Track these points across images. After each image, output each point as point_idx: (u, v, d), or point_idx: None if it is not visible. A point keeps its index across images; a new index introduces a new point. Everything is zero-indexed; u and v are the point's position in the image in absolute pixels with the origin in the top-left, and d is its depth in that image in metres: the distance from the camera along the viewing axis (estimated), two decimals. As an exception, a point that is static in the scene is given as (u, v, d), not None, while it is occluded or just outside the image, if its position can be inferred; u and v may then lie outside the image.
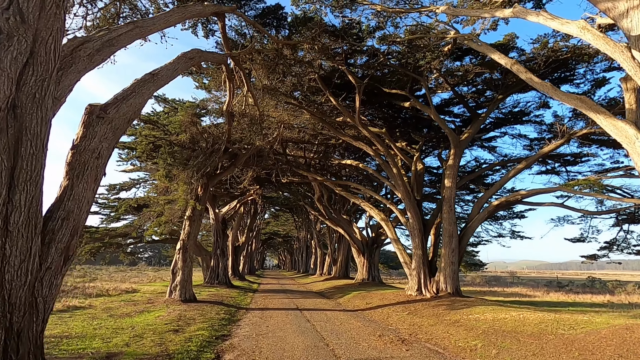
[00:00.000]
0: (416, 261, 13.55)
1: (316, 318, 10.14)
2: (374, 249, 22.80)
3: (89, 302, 11.35)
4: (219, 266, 21.20)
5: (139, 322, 8.01)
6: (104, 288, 15.47)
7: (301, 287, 24.54)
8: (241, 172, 17.07)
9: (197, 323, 8.24)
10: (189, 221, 12.32)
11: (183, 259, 12.02)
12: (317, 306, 13.24)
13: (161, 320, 8.20)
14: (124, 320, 8.13)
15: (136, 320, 8.21)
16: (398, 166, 14.04)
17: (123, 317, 8.57)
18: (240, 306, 12.55)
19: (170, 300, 11.56)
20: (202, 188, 12.70)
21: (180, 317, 8.85)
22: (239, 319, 9.82)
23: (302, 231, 55.21)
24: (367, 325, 9.04)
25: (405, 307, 11.19)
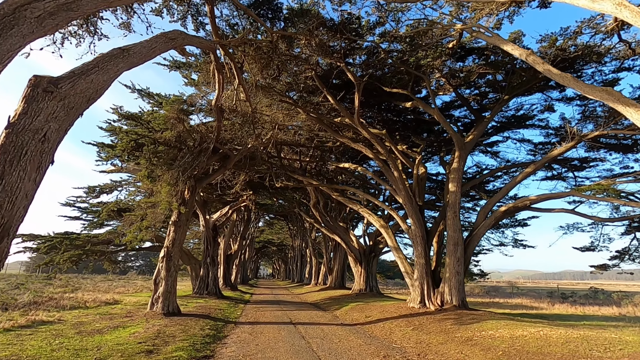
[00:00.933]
0: (419, 271, 12.66)
1: (312, 334, 9.17)
2: (371, 257, 21.87)
3: (60, 315, 10.26)
4: (209, 276, 20.10)
5: (108, 341, 6.99)
6: (82, 299, 14.33)
7: (295, 298, 23.45)
8: (233, 175, 16.16)
9: (177, 341, 7.25)
10: (174, 226, 11.34)
11: (167, 267, 11.02)
12: (313, 320, 12.25)
13: (135, 339, 7.19)
14: (91, 339, 7.11)
15: (106, 339, 7.19)
16: (399, 169, 13.25)
17: (92, 335, 7.54)
18: (228, 320, 11.52)
19: (151, 313, 10.51)
20: (189, 191, 11.77)
21: (158, 334, 7.84)
22: (225, 335, 8.81)
23: (297, 240, 54.12)
24: (369, 343, 8.09)
25: (409, 322, 10.26)
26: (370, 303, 15.49)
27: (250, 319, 12.04)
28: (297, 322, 11.36)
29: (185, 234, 11.68)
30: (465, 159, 12.88)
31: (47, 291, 16.77)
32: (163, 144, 10.32)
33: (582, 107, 13.40)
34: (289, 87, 13.49)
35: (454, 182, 12.60)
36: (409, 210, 13.05)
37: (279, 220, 53.67)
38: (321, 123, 13.87)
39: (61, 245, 15.59)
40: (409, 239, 13.37)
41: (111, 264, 20.70)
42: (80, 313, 10.99)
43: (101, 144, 10.17)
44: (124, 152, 9.91)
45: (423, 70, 12.55)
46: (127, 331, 8.10)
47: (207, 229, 20.44)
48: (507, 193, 12.71)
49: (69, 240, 15.82)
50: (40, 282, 26.30)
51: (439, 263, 13.48)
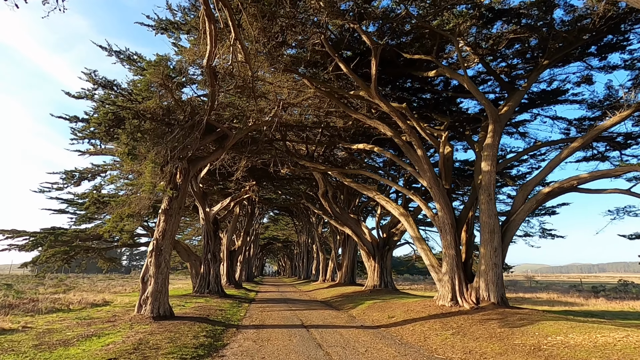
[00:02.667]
0: (448, 264, 10.96)
1: (330, 341, 7.52)
2: (385, 251, 20.18)
3: (31, 321, 8.69)
4: (210, 273, 18.52)
5: (72, 357, 5.38)
6: (67, 301, 12.79)
7: (304, 296, 21.86)
8: (233, 161, 14.51)
9: (159, 356, 5.62)
10: (164, 215, 9.71)
11: (156, 263, 9.40)
12: (327, 321, 10.61)
13: (105, 353, 5.57)
14: (50, 355, 5.50)
15: (70, 353, 5.58)
16: (423, 148, 11.51)
17: (53, 348, 5.94)
18: (230, 323, 9.90)
19: (138, 317, 8.92)
20: (182, 174, 10.13)
21: (138, 345, 6.22)
22: (225, 344, 7.18)
23: (303, 235, 52.56)
24: (404, 354, 6.42)
25: (444, 323, 8.57)
26: (389, 301, 13.82)
27: (255, 321, 10.42)
28: (310, 325, 9.72)
29: (178, 225, 10.07)
30: (500, 133, 11.12)
31: (31, 292, 15.26)
32: (148, 117, 8.67)
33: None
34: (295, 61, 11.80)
35: (487, 161, 10.86)
36: (436, 193, 11.32)
37: (284, 216, 52.23)
38: (332, 97, 12.15)
39: (45, 241, 14.05)
40: (436, 228, 11.66)
41: (106, 261, 19.17)
42: (57, 318, 9.42)
43: (74, 117, 8.56)
44: (100, 127, 8.27)
45: (450, 31, 10.78)
46: (101, 342, 6.48)
47: (207, 222, 18.84)
48: (550, 171, 10.95)
49: (54, 235, 14.28)
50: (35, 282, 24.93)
51: (470, 255, 11.77)
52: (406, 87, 15.28)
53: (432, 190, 11.43)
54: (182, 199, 10.13)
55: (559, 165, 10.97)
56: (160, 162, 8.26)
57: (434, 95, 15.70)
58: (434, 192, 11.37)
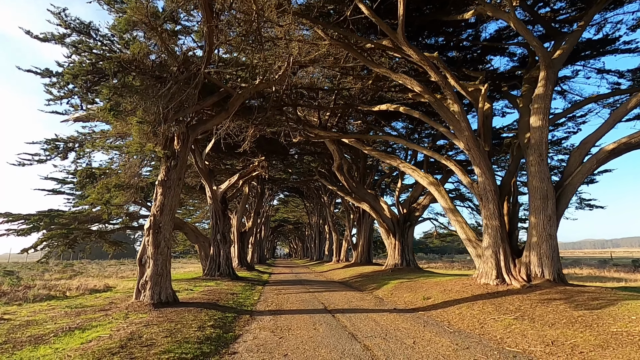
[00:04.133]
0: (491, 237, 9.45)
1: (363, 329, 6.16)
2: (406, 227, 18.74)
3: (10, 311, 7.53)
4: (220, 254, 17.39)
5: (40, 358, 4.10)
6: (66, 287, 11.73)
7: (319, 277, 20.71)
8: (240, 130, 13.00)
9: (151, 356, 4.30)
10: (161, 188, 8.33)
11: (154, 242, 8.10)
12: (352, 304, 9.29)
13: (82, 353, 4.27)
14: (12, 358, 4.23)
15: (35, 356, 4.30)
16: (460, 103, 9.82)
17: (20, 347, 4.68)
18: (242, 309, 8.64)
19: (136, 304, 7.68)
20: (180, 140, 8.68)
21: (128, 340, 4.93)
22: (236, 336, 5.87)
23: (314, 216, 51.51)
24: (465, 347, 5.01)
25: (497, 305, 7.14)
26: (417, 280, 12.46)
27: (271, 306, 9.15)
28: (335, 310, 8.40)
29: (179, 199, 8.71)
30: (553, 81, 9.34)
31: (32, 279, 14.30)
32: (134, 69, 7.16)
33: None
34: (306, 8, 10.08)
35: (538, 114, 9.14)
36: (475, 156, 9.70)
37: (294, 197, 51.04)
38: (350, 50, 10.44)
39: (40, 224, 12.93)
40: (476, 196, 10.09)
41: (110, 245, 18.15)
42: (46, 307, 8.26)
43: (46, 71, 7.11)
44: (76, 81, 6.82)
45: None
46: (84, 337, 5.21)
47: (214, 202, 17.57)
48: (612, 126, 9.20)
49: (49, 218, 13.13)
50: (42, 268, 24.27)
51: (515, 226, 10.22)
52: (429, 43, 13.47)
53: (471, 153, 9.80)
54: (182, 169, 8.72)
55: (625, 115, 9.21)
56: (150, 120, 6.80)
57: (460, 52, 13.86)
58: (473, 154, 9.75)
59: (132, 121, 6.27)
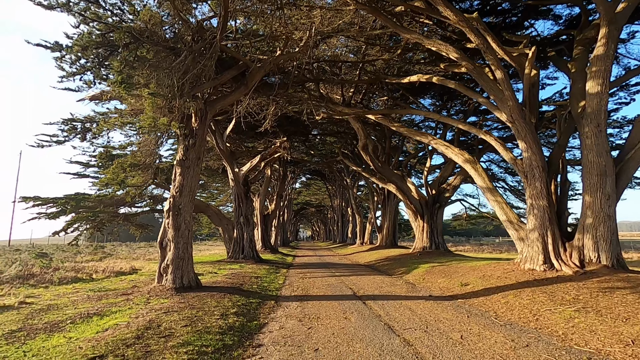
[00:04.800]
0: (537, 218, 8.53)
1: (399, 319, 5.57)
2: (436, 209, 17.84)
3: (34, 294, 7.44)
4: (244, 237, 17.20)
5: (45, 354, 3.76)
6: (92, 269, 11.79)
7: (344, 260, 20.29)
8: (261, 108, 12.40)
9: (168, 349, 3.88)
10: (180, 168, 7.92)
11: (174, 225, 7.75)
12: (383, 290, 8.71)
13: (95, 345, 3.91)
14: (16, 350, 3.91)
15: (46, 346, 3.98)
16: (503, 69, 8.75)
17: (34, 336, 4.40)
18: (267, 294, 8.24)
19: (158, 288, 7.41)
20: (198, 117, 8.18)
21: (146, 330, 4.55)
22: (261, 325, 5.42)
23: (337, 199, 51.04)
24: (522, 344, 4.32)
25: (549, 294, 6.35)
26: (449, 264, 11.72)
27: (297, 290, 8.72)
28: (365, 296, 7.85)
29: (198, 179, 8.29)
30: (616, 39, 8.09)
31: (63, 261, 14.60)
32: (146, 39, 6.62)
33: None
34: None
35: (597, 79, 7.97)
36: (520, 129, 8.69)
37: (316, 180, 50.64)
38: (377, 14, 9.47)
39: (67, 207, 13.01)
40: (519, 174, 9.11)
41: (137, 228, 18.35)
42: (70, 290, 8.16)
43: (56, 45, 6.70)
44: (86, 53, 6.37)
45: None
46: (101, 324, 4.90)
47: (237, 184, 17.27)
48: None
49: (76, 201, 13.19)
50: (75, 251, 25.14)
51: (564, 206, 9.21)
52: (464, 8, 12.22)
53: (515, 125, 8.79)
54: (200, 148, 8.25)
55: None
56: (164, 94, 6.28)
57: (498, 17, 12.55)
58: (518, 127, 8.73)
59: (144, 93, 5.77)
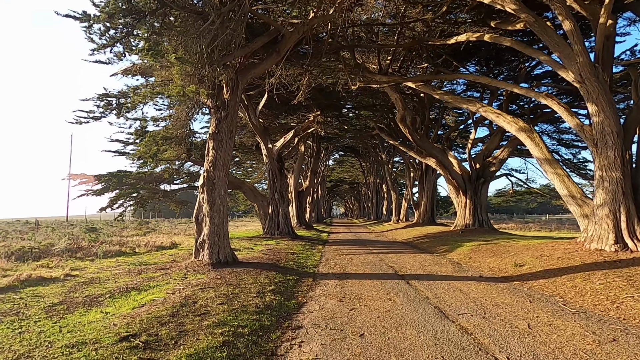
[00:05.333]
0: (609, 192, 7.46)
1: (451, 302, 5.03)
2: (480, 184, 16.69)
3: (80, 266, 7.65)
4: (279, 214, 17.15)
5: (79, 328, 3.64)
6: (135, 244, 12.19)
7: (380, 236, 19.81)
8: (294, 79, 11.83)
9: (203, 329, 3.63)
10: (213, 141, 7.65)
11: (209, 200, 7.58)
12: (426, 269, 8.16)
13: (129, 322, 3.75)
14: (54, 324, 3.84)
15: (82, 322, 3.88)
16: (572, 20, 7.49)
17: (72, 310, 4.36)
18: (304, 271, 7.98)
19: (195, 264, 7.35)
20: (229, 88, 7.79)
21: (181, 307, 4.37)
22: (299, 304, 5.11)
23: (371, 176, 50.14)
24: (608, 337, 3.65)
25: (629, 278, 5.49)
26: (497, 243, 10.87)
27: (334, 268, 8.39)
28: (407, 275, 7.36)
29: (232, 153, 8.02)
30: None
31: (106, 235, 15.30)
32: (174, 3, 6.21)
33: None
34: None
35: (695, 24, 6.56)
36: (591, 90, 7.50)
37: (350, 157, 49.80)
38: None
39: (109, 184, 13.44)
40: (587, 142, 7.98)
41: (177, 204, 18.88)
42: (114, 263, 8.36)
43: (84, 15, 6.48)
44: (113, 21, 6.08)
45: None
46: (138, 300, 4.80)
47: (271, 160, 17.07)
48: None
49: (117, 178, 13.59)
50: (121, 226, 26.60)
51: None
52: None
53: (585, 86, 7.60)
54: (233, 120, 7.90)
55: None
56: (193, 61, 5.89)
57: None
58: (589, 87, 7.54)
59: (171, 58, 5.42)
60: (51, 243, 10.54)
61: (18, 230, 19.25)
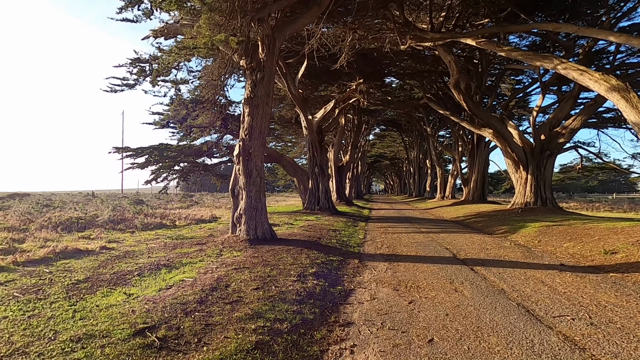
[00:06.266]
0: None
1: (539, 301, 4.01)
2: (544, 158, 14.76)
3: (118, 238, 7.47)
4: (319, 188, 16.49)
5: (97, 313, 3.15)
6: (176, 217, 12.15)
7: (425, 214, 18.58)
8: (335, 40, 10.70)
9: (232, 322, 2.98)
10: (248, 107, 6.93)
11: (245, 171, 6.96)
12: (489, 252, 7.06)
13: (151, 307, 3.20)
14: (71, 307, 3.39)
15: (101, 305, 3.40)
16: None
17: (95, 289, 3.93)
18: (348, 250, 7.22)
19: (232, 239, 6.86)
20: (265, 46, 6.94)
21: (212, 290, 3.79)
22: (345, 292, 4.36)
23: (413, 151, 47.94)
24: None
25: None
26: (570, 224, 9.39)
27: (381, 248, 7.55)
28: (469, 259, 6.34)
29: (269, 120, 7.27)
30: None
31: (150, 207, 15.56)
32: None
33: None
34: None
35: None
36: None
37: (391, 131, 47.71)
38: None
39: (151, 157, 13.44)
40: None
41: (218, 178, 18.87)
42: (152, 235, 8.15)
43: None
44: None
45: None
46: (168, 278, 4.31)
47: (310, 132, 16.25)
48: None
49: (158, 151, 13.53)
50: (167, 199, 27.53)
51: None
52: None
53: None
54: (270, 83, 7.09)
55: None
56: (223, 9, 5.07)
57: None
58: None
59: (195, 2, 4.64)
60: (96, 214, 10.69)
61: (75, 202, 20.41)
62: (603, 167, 18.39)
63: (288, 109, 21.98)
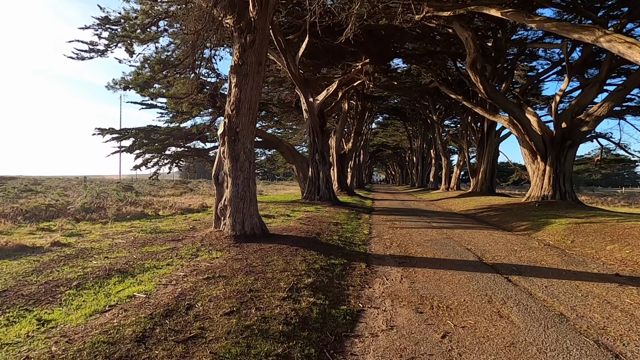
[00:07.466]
0: None
1: (618, 332, 2.90)
2: (565, 148, 13.54)
3: (80, 231, 6.35)
4: (320, 177, 15.33)
5: None
6: (160, 205, 11.04)
7: (431, 206, 17.47)
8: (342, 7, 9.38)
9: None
10: (235, 76, 5.73)
11: (231, 154, 5.79)
12: (521, 256, 5.93)
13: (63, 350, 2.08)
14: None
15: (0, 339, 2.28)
16: None
17: (8, 309, 2.81)
18: (352, 250, 6.10)
19: (214, 235, 5.74)
20: (256, 3, 5.70)
21: (168, 313, 2.68)
22: (352, 315, 3.25)
23: (417, 140, 46.54)
24: None
25: None
26: (602, 221, 8.27)
27: (391, 247, 6.43)
28: (499, 265, 5.23)
29: (260, 92, 6.06)
30: None
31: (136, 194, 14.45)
32: None
33: None
34: None
35: None
36: None
37: (394, 120, 46.25)
38: None
39: (137, 139, 12.26)
40: None
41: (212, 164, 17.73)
42: (124, 228, 7.03)
43: None
44: None
45: None
46: (114, 293, 3.19)
47: (311, 115, 15.00)
48: None
49: (145, 132, 12.34)
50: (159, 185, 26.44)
51: None
52: None
53: None
54: (262, 48, 5.86)
55: None
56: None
57: None
58: None
59: None
60: (69, 202, 9.58)
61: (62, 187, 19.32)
62: (622, 159, 17.15)
63: (288, 93, 20.67)
